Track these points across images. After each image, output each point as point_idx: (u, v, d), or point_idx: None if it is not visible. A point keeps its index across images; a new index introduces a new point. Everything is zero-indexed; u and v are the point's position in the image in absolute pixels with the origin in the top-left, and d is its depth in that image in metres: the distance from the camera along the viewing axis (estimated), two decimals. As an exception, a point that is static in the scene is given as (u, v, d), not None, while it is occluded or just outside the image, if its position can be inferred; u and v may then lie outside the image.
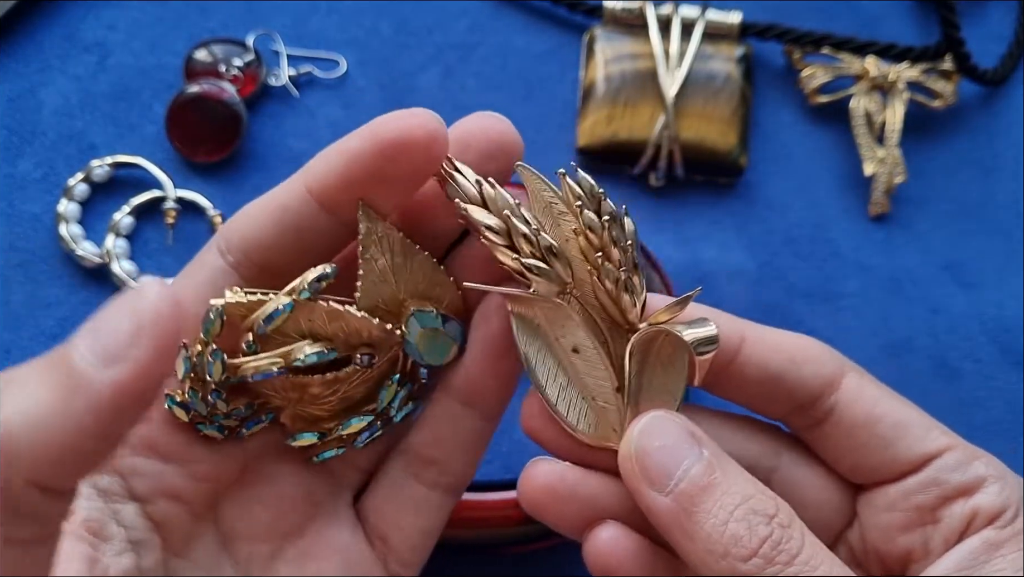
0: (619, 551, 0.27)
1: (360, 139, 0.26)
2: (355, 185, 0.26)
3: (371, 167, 0.26)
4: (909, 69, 0.45)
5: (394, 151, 0.26)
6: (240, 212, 0.28)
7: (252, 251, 0.27)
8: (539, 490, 0.27)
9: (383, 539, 0.29)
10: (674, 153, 0.43)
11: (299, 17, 0.46)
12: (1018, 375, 0.43)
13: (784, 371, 0.29)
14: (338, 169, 0.26)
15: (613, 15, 0.45)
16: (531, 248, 0.26)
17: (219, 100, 0.43)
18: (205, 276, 0.28)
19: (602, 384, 0.27)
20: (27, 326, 0.41)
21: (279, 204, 0.27)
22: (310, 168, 0.27)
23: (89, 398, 0.21)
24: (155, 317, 0.22)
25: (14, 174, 0.43)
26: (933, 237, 0.44)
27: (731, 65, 0.45)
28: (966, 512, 0.28)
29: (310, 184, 0.27)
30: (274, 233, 0.27)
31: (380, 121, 0.26)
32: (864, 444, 0.29)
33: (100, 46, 0.45)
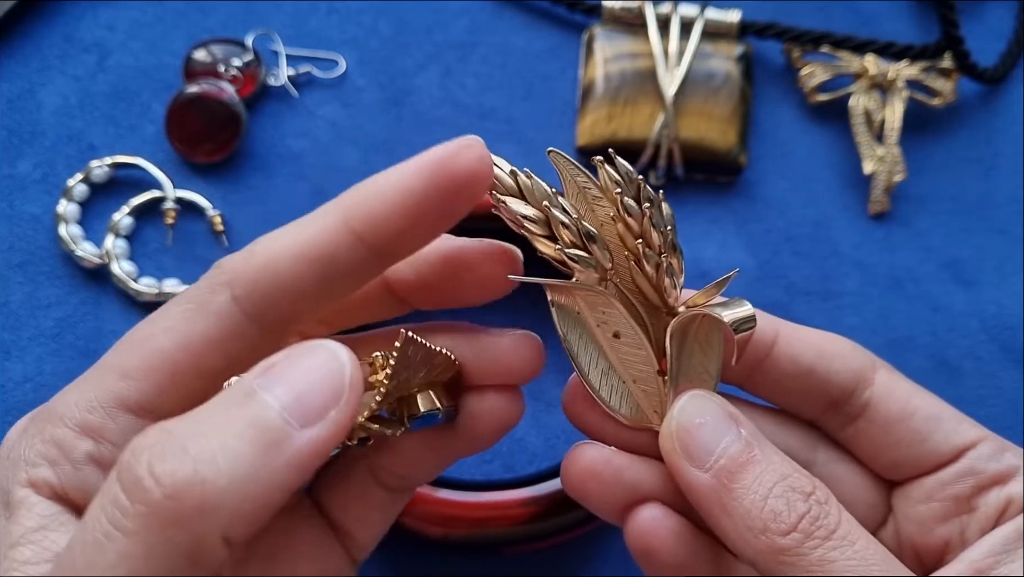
0: (661, 531, 0.27)
1: (414, 174, 0.24)
2: (409, 222, 0.25)
3: (426, 202, 0.24)
4: (908, 67, 0.45)
5: (451, 184, 0.24)
6: (262, 258, 0.25)
7: (282, 302, 0.25)
8: (584, 473, 0.27)
9: (346, 533, 0.29)
10: (674, 152, 0.43)
11: (298, 17, 0.46)
12: (1018, 373, 0.43)
13: (816, 366, 0.29)
14: (391, 207, 0.24)
15: (612, 14, 0.45)
16: (571, 236, 0.26)
17: (218, 100, 0.43)
18: (218, 325, 0.25)
19: (644, 368, 0.28)
20: (27, 326, 0.41)
21: (321, 252, 0.25)
22: (351, 207, 0.25)
23: (289, 458, 0.22)
24: (355, 382, 0.23)
25: (13, 175, 0.43)
26: (933, 235, 0.44)
27: (730, 64, 0.45)
28: (1001, 500, 0.28)
29: (355, 225, 0.25)
30: (313, 282, 0.25)
31: (435, 153, 0.25)
32: (901, 439, 0.29)
33: (99, 46, 0.45)
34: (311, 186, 0.43)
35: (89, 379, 0.26)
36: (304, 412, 0.22)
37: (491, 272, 0.27)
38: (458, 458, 0.29)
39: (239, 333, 0.25)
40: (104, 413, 0.25)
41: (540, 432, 0.41)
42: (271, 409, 0.22)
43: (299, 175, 0.44)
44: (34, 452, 0.25)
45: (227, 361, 0.26)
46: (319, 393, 0.22)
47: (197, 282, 0.26)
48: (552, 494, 0.36)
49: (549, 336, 0.28)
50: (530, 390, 0.41)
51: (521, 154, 0.44)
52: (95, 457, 0.25)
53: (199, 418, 0.22)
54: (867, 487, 0.30)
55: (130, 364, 0.26)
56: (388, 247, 0.25)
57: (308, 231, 0.25)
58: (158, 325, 0.26)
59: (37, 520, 0.24)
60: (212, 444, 0.21)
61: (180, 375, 0.25)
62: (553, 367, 0.30)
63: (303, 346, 0.23)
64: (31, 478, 0.25)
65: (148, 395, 0.25)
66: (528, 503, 0.36)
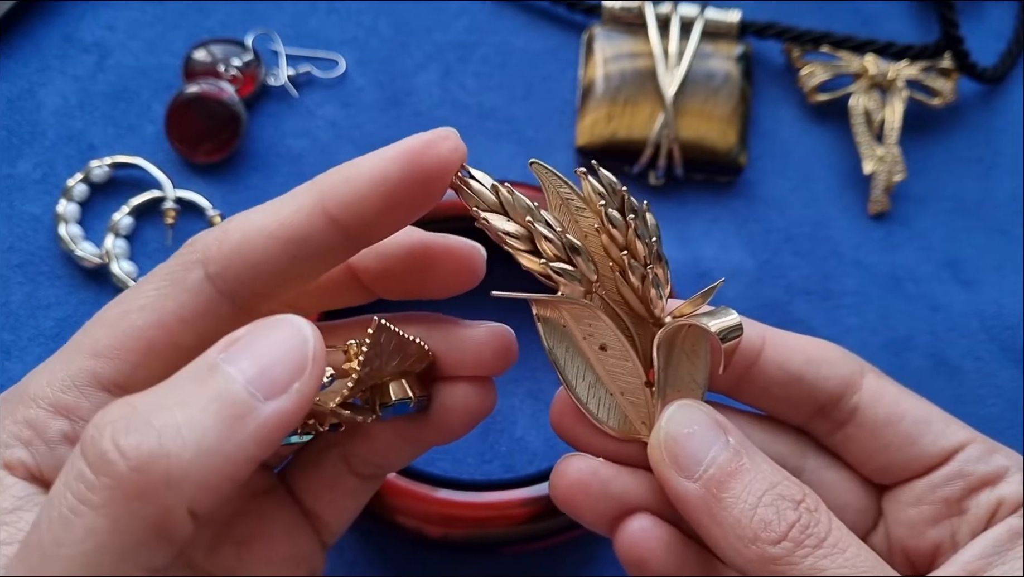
0: (651, 541, 0.27)
1: (390, 160, 0.25)
2: (383, 207, 0.25)
3: (401, 188, 0.25)
4: (908, 67, 0.45)
5: (425, 172, 0.25)
6: (236, 237, 0.25)
7: (255, 281, 0.25)
8: (572, 485, 0.27)
9: (318, 517, 0.30)
10: (673, 152, 0.44)
11: (298, 17, 0.46)
12: (1018, 372, 0.43)
13: (804, 372, 0.29)
14: (366, 192, 0.25)
15: (612, 14, 0.45)
16: (555, 250, 0.26)
17: (218, 100, 0.43)
18: (192, 302, 0.26)
19: (631, 379, 0.28)
20: (27, 326, 0.41)
21: (295, 232, 0.25)
22: (327, 190, 0.25)
23: (254, 429, 0.22)
24: (318, 355, 0.23)
25: (13, 175, 0.43)
26: (933, 235, 0.44)
27: (730, 64, 0.45)
28: (991, 501, 0.28)
29: (330, 208, 0.25)
30: (286, 261, 0.25)
31: (411, 142, 0.25)
32: (889, 443, 0.29)
33: (99, 46, 0.45)
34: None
35: (60, 359, 0.26)
36: (268, 384, 0.22)
37: (455, 268, 0.28)
38: (430, 447, 0.29)
39: (212, 310, 0.26)
40: (78, 392, 0.25)
41: (540, 432, 0.41)
42: (235, 382, 0.22)
43: (299, 175, 0.44)
44: (7, 433, 0.25)
45: (200, 338, 0.25)
46: (283, 366, 0.22)
47: (169, 260, 0.26)
48: (552, 494, 0.36)
49: (523, 329, 0.28)
50: (530, 390, 0.41)
51: (521, 154, 0.44)
52: (69, 436, 0.25)
53: (163, 392, 0.22)
54: (857, 492, 0.30)
55: (103, 342, 0.26)
56: (361, 230, 0.25)
57: (283, 211, 0.25)
58: (131, 303, 0.26)
59: (11, 501, 0.24)
60: (177, 417, 0.21)
61: (154, 352, 0.25)
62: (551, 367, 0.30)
63: (267, 320, 0.23)
64: (5, 460, 0.25)
65: (122, 373, 0.25)
66: (528, 503, 0.36)
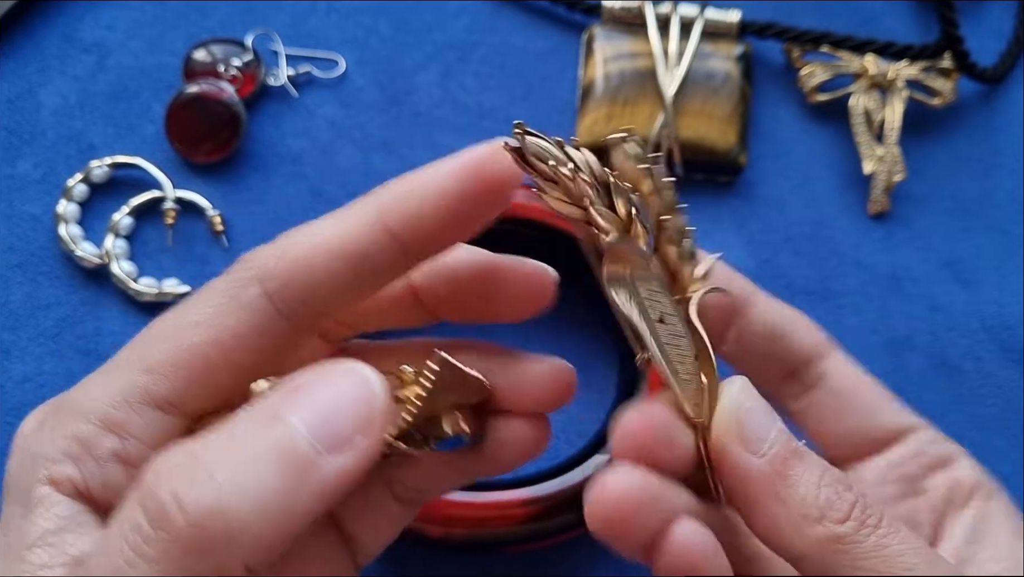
0: (705, 545, 0.25)
1: (451, 175, 0.24)
2: (443, 222, 0.24)
3: (462, 203, 0.24)
4: (908, 67, 0.45)
5: (487, 185, 0.24)
6: (294, 254, 0.25)
7: (314, 298, 0.25)
8: (621, 503, 0.25)
9: (354, 539, 0.29)
10: (673, 151, 0.43)
11: (298, 17, 0.46)
12: (1018, 372, 0.43)
13: (785, 330, 0.30)
14: (427, 207, 0.24)
15: (612, 14, 0.45)
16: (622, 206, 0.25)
17: (218, 100, 0.43)
18: (249, 319, 0.25)
19: (684, 354, 0.26)
20: (26, 327, 0.41)
21: (355, 249, 0.24)
22: (386, 205, 0.24)
23: (315, 486, 0.21)
24: (385, 407, 0.22)
25: (13, 175, 0.43)
26: (933, 235, 0.44)
27: (730, 63, 0.45)
28: (948, 483, 0.30)
29: (390, 223, 0.24)
30: (345, 278, 0.25)
31: (471, 155, 0.24)
32: (853, 410, 0.30)
33: (99, 46, 0.45)
34: (311, 185, 0.43)
35: (112, 373, 0.25)
36: (332, 438, 0.21)
37: (524, 292, 0.27)
38: (476, 477, 0.29)
39: (270, 328, 0.25)
40: (129, 408, 0.25)
41: (540, 432, 0.41)
42: (298, 434, 0.21)
43: (299, 175, 0.44)
44: (55, 448, 0.25)
45: (257, 356, 0.25)
46: (348, 419, 0.22)
47: (223, 276, 0.26)
48: (552, 494, 0.36)
49: (528, 331, 0.28)
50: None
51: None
52: (119, 454, 0.25)
53: (224, 439, 0.22)
54: None
55: (157, 358, 0.25)
56: (420, 246, 0.25)
57: (343, 227, 0.25)
58: (186, 319, 0.25)
59: (55, 521, 0.24)
60: (237, 470, 0.21)
61: (209, 371, 0.25)
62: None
63: (332, 367, 0.23)
64: (52, 475, 0.24)
65: (175, 390, 0.25)
66: (528, 503, 0.36)
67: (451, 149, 0.46)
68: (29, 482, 0.24)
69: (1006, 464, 0.41)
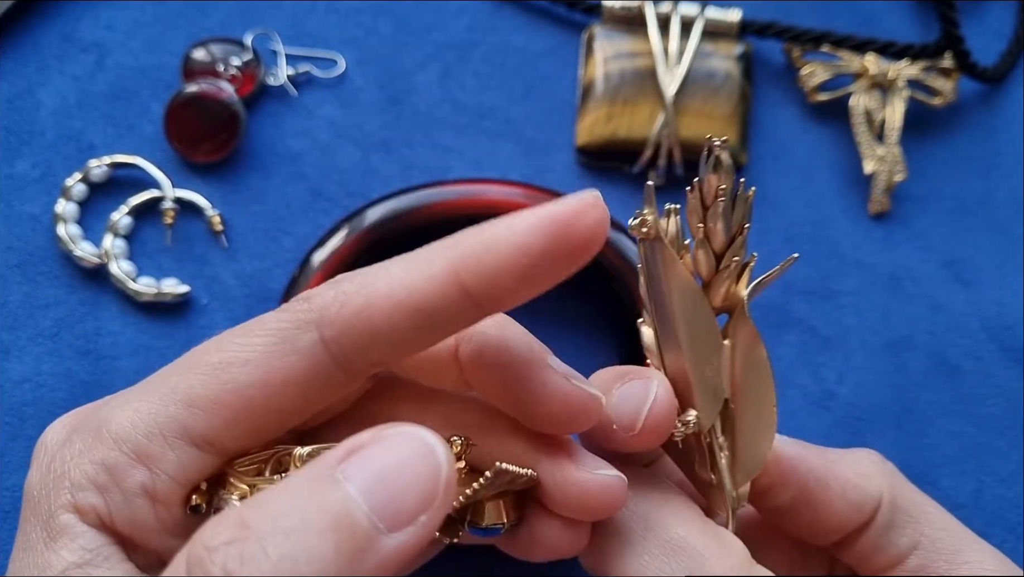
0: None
1: (535, 231, 0.22)
2: (521, 280, 0.23)
3: (543, 261, 0.23)
4: (909, 67, 0.45)
5: (571, 245, 0.22)
6: (359, 301, 0.23)
7: (372, 350, 0.23)
8: None
9: None
10: (674, 151, 0.43)
11: (297, 16, 0.46)
12: (1018, 372, 0.43)
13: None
14: (506, 264, 0.22)
15: (612, 13, 0.45)
16: None
17: (217, 99, 0.43)
18: (301, 365, 0.24)
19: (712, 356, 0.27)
20: (25, 326, 0.41)
21: (425, 303, 0.23)
22: (463, 259, 0.23)
23: (374, 565, 0.20)
24: (449, 483, 0.21)
25: (12, 174, 0.43)
26: (933, 235, 0.44)
27: (730, 63, 0.45)
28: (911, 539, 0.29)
29: (466, 279, 0.23)
30: (410, 332, 0.23)
31: (557, 211, 0.22)
32: (830, 501, 0.28)
33: (98, 46, 0.45)
34: (310, 185, 0.43)
35: (148, 398, 0.24)
36: (394, 515, 0.20)
37: (563, 413, 0.25)
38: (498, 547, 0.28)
39: (322, 375, 0.24)
40: (163, 441, 0.24)
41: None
42: (358, 508, 0.20)
43: (298, 174, 0.44)
44: (81, 473, 0.24)
45: (303, 402, 0.24)
46: (412, 494, 0.20)
47: (278, 313, 0.24)
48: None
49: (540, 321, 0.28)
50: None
51: (521, 154, 0.44)
52: (148, 488, 0.24)
53: (278, 505, 0.20)
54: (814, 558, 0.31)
55: (199, 392, 0.24)
56: (493, 302, 0.23)
57: (412, 277, 0.23)
58: (235, 354, 0.24)
59: (80, 554, 0.23)
60: (294, 547, 0.19)
61: (252, 412, 0.24)
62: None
63: (395, 432, 0.21)
64: (77, 503, 0.23)
65: (215, 428, 0.24)
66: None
67: (451, 149, 0.46)
68: (53, 505, 0.23)
69: (1006, 464, 0.41)
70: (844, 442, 0.41)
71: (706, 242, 0.25)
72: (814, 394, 0.42)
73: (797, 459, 0.27)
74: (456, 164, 0.44)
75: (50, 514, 0.23)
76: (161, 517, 0.24)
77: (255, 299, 0.42)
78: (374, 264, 0.24)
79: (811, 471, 0.27)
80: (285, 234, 0.43)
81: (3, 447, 0.40)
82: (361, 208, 0.41)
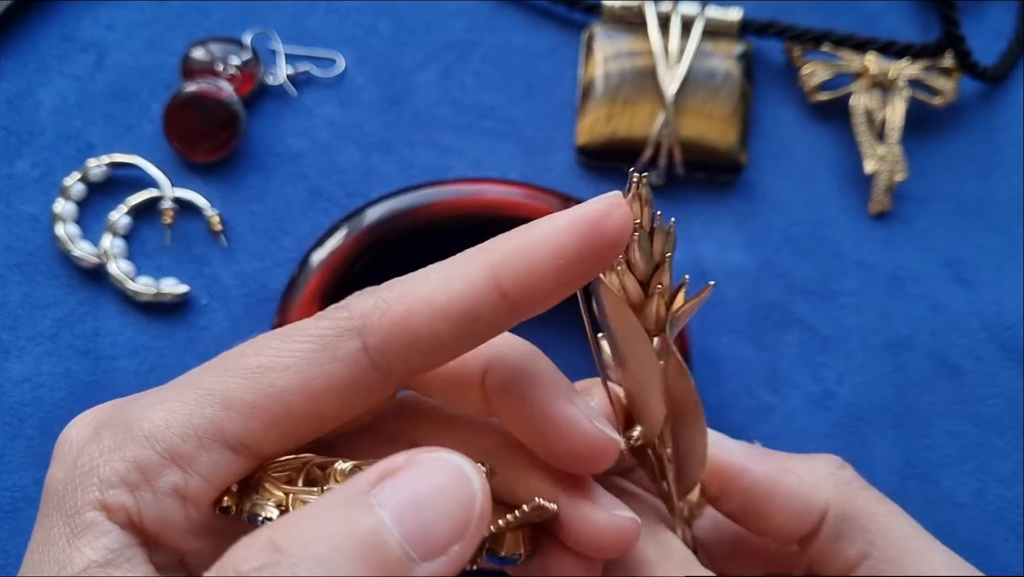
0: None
1: (570, 232, 0.23)
2: (556, 281, 0.23)
3: (577, 261, 0.23)
4: (909, 66, 0.45)
5: (603, 244, 0.23)
6: (400, 309, 0.23)
7: (413, 356, 0.24)
8: None
9: None
10: (674, 151, 0.43)
11: (297, 15, 0.46)
12: (1018, 372, 0.42)
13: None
14: (542, 266, 0.23)
15: (612, 13, 0.45)
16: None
17: (217, 99, 0.43)
18: (342, 372, 0.24)
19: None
20: (24, 326, 0.41)
21: (465, 309, 0.23)
22: (500, 263, 0.23)
23: None
24: (483, 513, 0.20)
25: (11, 174, 0.43)
26: (934, 234, 0.44)
27: (731, 62, 0.44)
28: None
29: (504, 283, 0.23)
30: (450, 338, 0.23)
31: (587, 212, 0.23)
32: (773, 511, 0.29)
33: (97, 46, 0.45)
34: (310, 185, 0.43)
35: (183, 399, 0.24)
36: (427, 544, 0.20)
37: (580, 453, 0.26)
38: None
39: (364, 382, 0.24)
40: (198, 442, 0.23)
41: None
42: (391, 537, 0.19)
43: (298, 174, 0.44)
44: (112, 470, 0.23)
45: (343, 409, 0.24)
46: (446, 523, 0.20)
47: (317, 320, 0.24)
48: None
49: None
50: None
51: (521, 153, 0.44)
52: (180, 489, 0.23)
53: (309, 533, 0.20)
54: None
55: (237, 395, 0.24)
56: (530, 304, 0.24)
57: (452, 284, 0.23)
58: (274, 359, 0.24)
59: (103, 553, 0.23)
60: (323, 568, 0.19)
61: (291, 417, 0.24)
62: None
63: (431, 457, 0.21)
64: (105, 501, 0.23)
65: (251, 432, 0.24)
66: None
67: (451, 148, 0.46)
68: (78, 501, 0.23)
69: (1006, 464, 0.41)
70: (844, 442, 0.41)
71: (628, 271, 0.26)
72: (814, 394, 0.42)
73: (739, 471, 0.28)
74: (456, 164, 0.44)
75: (76, 510, 0.23)
76: (190, 516, 0.24)
77: (254, 299, 0.42)
78: (409, 273, 0.24)
79: (754, 484, 0.28)
80: (285, 234, 0.43)
81: (3, 447, 0.40)
82: (361, 208, 0.41)
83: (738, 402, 0.41)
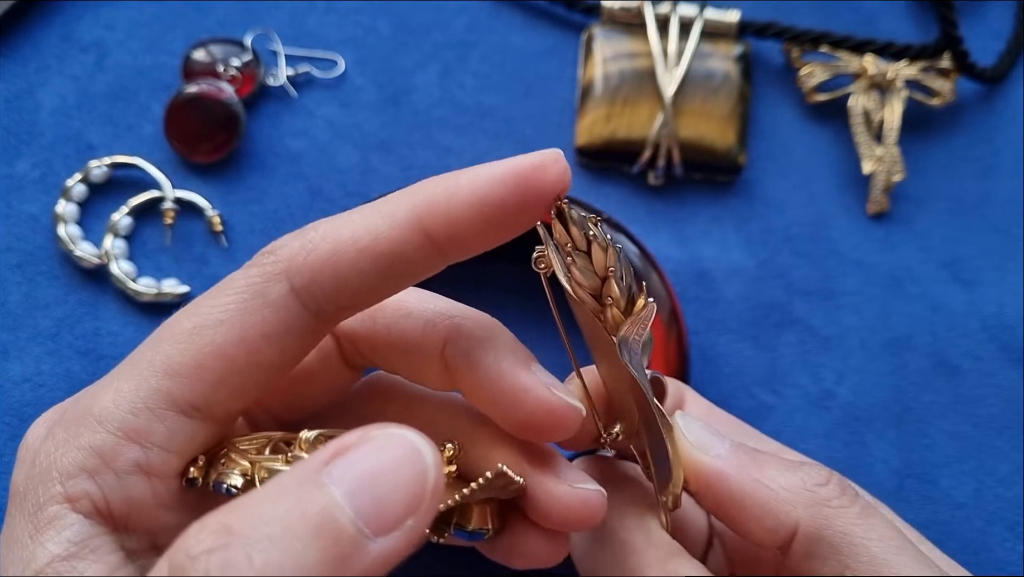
0: None
1: (497, 180, 0.24)
2: (481, 227, 0.24)
3: (503, 210, 0.23)
4: (907, 67, 0.45)
5: (530, 196, 0.23)
6: (325, 248, 0.24)
7: (342, 295, 0.24)
8: None
9: None
10: (673, 151, 0.43)
11: (297, 16, 0.46)
12: (1018, 372, 0.43)
13: None
14: (467, 211, 0.23)
15: (611, 14, 0.45)
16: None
17: (217, 100, 0.43)
18: (275, 317, 0.24)
19: None
20: (25, 327, 0.41)
21: (389, 247, 0.23)
22: (425, 205, 0.23)
23: (361, 570, 0.19)
24: (436, 487, 0.20)
25: (12, 175, 0.43)
26: (932, 235, 0.44)
27: (729, 63, 0.45)
28: None
29: (428, 224, 0.23)
30: (376, 276, 0.24)
31: (519, 163, 0.24)
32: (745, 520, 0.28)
33: (98, 46, 0.45)
34: (309, 185, 0.43)
35: (127, 377, 0.24)
36: (380, 519, 0.20)
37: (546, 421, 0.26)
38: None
39: (297, 326, 0.24)
40: (151, 414, 0.23)
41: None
42: (343, 514, 0.19)
43: (298, 174, 0.44)
44: (69, 461, 0.23)
45: (283, 355, 0.24)
46: (398, 498, 0.20)
47: (246, 269, 0.24)
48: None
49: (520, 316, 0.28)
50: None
51: (520, 153, 0.44)
52: (141, 464, 0.23)
53: (262, 509, 0.19)
54: None
55: (177, 360, 0.24)
56: (453, 249, 0.24)
57: (376, 223, 0.24)
58: (206, 317, 0.24)
59: (65, 546, 0.22)
60: (278, 554, 0.19)
61: (235, 371, 0.24)
62: (550, 360, 0.30)
63: (382, 433, 0.21)
64: (68, 493, 0.23)
65: (201, 393, 0.24)
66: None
67: (450, 149, 0.46)
68: (40, 497, 0.23)
69: (1006, 464, 0.41)
70: (843, 442, 0.41)
71: (577, 285, 0.26)
72: (814, 394, 0.42)
73: (715, 476, 0.27)
74: (456, 164, 0.44)
75: (38, 507, 0.23)
76: (157, 491, 0.24)
77: (255, 299, 0.42)
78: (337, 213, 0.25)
79: (727, 491, 0.27)
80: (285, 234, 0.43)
81: (3, 447, 0.40)
82: (361, 208, 0.41)
83: (737, 402, 0.42)
